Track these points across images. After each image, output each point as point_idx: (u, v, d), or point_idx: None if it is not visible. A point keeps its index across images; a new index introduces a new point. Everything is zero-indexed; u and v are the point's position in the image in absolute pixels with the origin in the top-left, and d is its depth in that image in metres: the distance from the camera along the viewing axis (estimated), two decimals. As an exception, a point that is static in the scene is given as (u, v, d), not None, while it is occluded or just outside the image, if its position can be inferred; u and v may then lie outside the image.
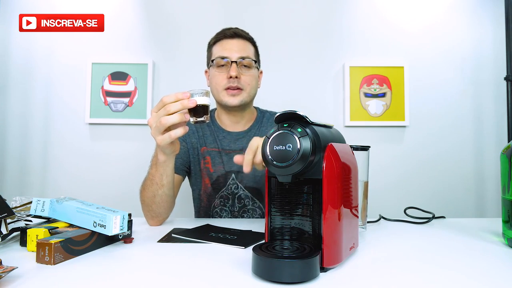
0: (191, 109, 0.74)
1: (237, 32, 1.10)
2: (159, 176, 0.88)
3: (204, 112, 0.75)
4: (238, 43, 1.08)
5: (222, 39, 1.09)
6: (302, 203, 0.62)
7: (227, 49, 1.07)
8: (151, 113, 0.78)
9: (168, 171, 0.88)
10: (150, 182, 0.91)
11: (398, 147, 1.88)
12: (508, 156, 0.71)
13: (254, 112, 1.22)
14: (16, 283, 0.49)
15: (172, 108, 0.73)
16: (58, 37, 1.84)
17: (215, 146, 1.15)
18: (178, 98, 0.73)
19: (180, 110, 0.73)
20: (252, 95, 1.12)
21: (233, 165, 1.12)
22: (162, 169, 0.87)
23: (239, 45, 1.08)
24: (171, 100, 0.74)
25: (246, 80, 1.08)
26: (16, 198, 0.87)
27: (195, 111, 0.74)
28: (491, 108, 1.88)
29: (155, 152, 0.88)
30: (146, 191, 0.92)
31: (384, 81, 1.86)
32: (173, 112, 0.73)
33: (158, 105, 0.76)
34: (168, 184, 0.91)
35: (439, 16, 1.90)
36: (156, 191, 0.90)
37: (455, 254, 0.67)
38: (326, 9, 1.89)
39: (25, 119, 1.82)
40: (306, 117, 0.55)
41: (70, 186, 1.80)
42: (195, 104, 0.73)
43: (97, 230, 0.66)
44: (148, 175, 0.92)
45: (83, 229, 0.68)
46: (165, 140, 0.76)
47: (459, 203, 1.86)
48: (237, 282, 0.52)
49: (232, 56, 1.06)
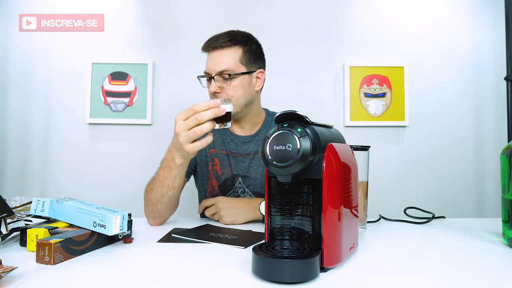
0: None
1: (213, 45, 1.05)
2: (172, 179, 0.89)
3: (228, 118, 0.78)
4: (217, 56, 1.04)
5: (206, 52, 1.08)
6: (302, 203, 0.62)
7: (207, 64, 1.06)
8: (177, 120, 0.78)
9: (182, 174, 0.90)
10: (160, 183, 0.91)
11: (398, 147, 1.88)
12: (508, 156, 0.71)
13: (261, 115, 1.18)
14: (16, 283, 0.49)
15: (204, 117, 0.75)
16: (58, 37, 1.84)
17: (223, 148, 1.14)
18: (210, 106, 0.76)
19: (211, 118, 0.76)
20: (241, 104, 1.06)
21: (240, 169, 1.12)
22: (177, 171, 0.88)
23: (216, 59, 1.04)
24: (203, 109, 0.76)
25: (228, 93, 1.03)
26: (16, 198, 0.87)
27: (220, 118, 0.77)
28: (491, 108, 1.88)
29: (168, 156, 0.88)
30: (153, 192, 0.92)
31: (384, 81, 1.86)
32: (205, 120, 0.75)
33: (186, 112, 0.77)
34: (179, 186, 0.92)
35: (439, 16, 1.90)
36: (166, 193, 0.91)
37: (455, 254, 0.67)
38: (326, 9, 1.89)
39: (25, 119, 1.82)
40: (306, 117, 0.55)
41: (70, 186, 1.80)
42: (224, 112, 0.76)
43: (97, 230, 0.66)
44: (157, 176, 0.92)
45: (83, 229, 0.68)
46: (197, 148, 0.78)
47: (459, 203, 1.86)
48: (237, 282, 0.52)
49: (211, 72, 1.04)
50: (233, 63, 1.04)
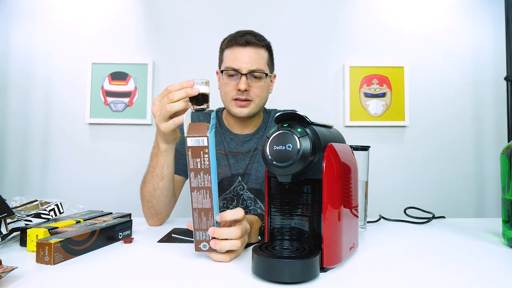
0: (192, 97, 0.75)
1: (249, 41, 1.04)
2: (160, 167, 0.88)
3: (204, 100, 0.76)
4: (249, 53, 1.04)
5: (233, 46, 1.05)
6: (302, 203, 0.62)
7: (238, 60, 1.04)
8: (154, 102, 0.79)
9: (169, 161, 0.89)
10: (150, 175, 0.91)
11: (398, 147, 1.88)
12: (508, 156, 0.71)
13: (261, 114, 1.20)
14: (16, 283, 0.49)
15: (176, 96, 0.74)
16: (58, 37, 1.84)
17: (221, 148, 1.14)
18: (183, 86, 0.75)
19: (183, 97, 0.75)
20: (261, 105, 1.10)
21: (240, 167, 1.12)
22: (163, 158, 0.87)
23: (250, 56, 1.04)
24: (176, 88, 0.75)
25: (255, 92, 1.06)
26: (16, 198, 0.87)
27: (196, 100, 0.76)
28: (491, 108, 1.88)
29: (155, 143, 0.89)
30: (146, 186, 0.92)
31: (384, 81, 1.86)
32: (177, 99, 0.75)
33: (162, 93, 0.77)
34: (169, 175, 0.91)
35: (439, 16, 1.90)
36: (157, 184, 0.90)
37: (455, 254, 0.67)
38: (326, 9, 1.89)
39: (25, 119, 1.82)
40: (306, 117, 0.55)
41: (70, 186, 1.80)
42: (197, 92, 0.75)
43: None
44: (148, 168, 0.92)
45: (83, 229, 0.68)
46: (169, 127, 0.77)
47: (459, 203, 1.86)
48: (237, 282, 0.52)
49: (242, 69, 1.03)
50: (263, 63, 1.07)
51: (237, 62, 1.03)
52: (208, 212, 0.61)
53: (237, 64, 1.03)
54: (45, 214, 0.78)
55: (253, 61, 1.04)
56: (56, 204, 0.82)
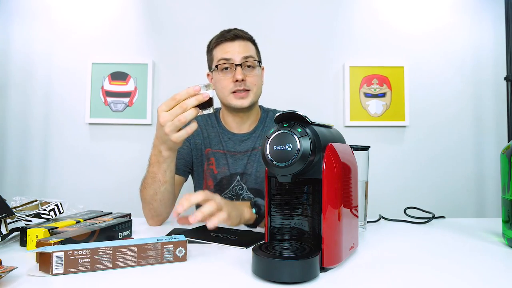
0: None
1: (237, 34, 1.08)
2: (162, 173, 0.88)
3: (210, 104, 0.77)
4: (239, 45, 1.07)
5: (222, 42, 1.08)
6: (302, 203, 0.62)
7: (229, 52, 1.06)
8: (160, 112, 0.76)
9: (172, 166, 0.89)
10: (151, 180, 0.90)
11: (398, 147, 1.88)
12: (508, 156, 0.71)
13: (258, 112, 1.21)
14: (16, 283, 0.49)
15: (189, 104, 0.74)
16: (58, 37, 1.84)
17: (220, 147, 1.14)
18: (189, 93, 0.74)
19: (195, 105, 0.74)
20: (258, 94, 1.12)
21: (238, 167, 1.12)
22: (166, 165, 0.87)
23: (240, 47, 1.07)
24: (184, 97, 0.74)
25: (252, 81, 1.07)
26: (16, 198, 0.87)
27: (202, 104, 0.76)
28: (491, 108, 1.88)
29: (154, 151, 0.87)
30: (147, 190, 0.92)
31: (384, 81, 1.86)
32: (190, 108, 0.74)
33: (168, 103, 0.76)
34: (171, 180, 0.91)
35: (439, 16, 1.90)
36: (158, 188, 0.90)
37: (455, 254, 0.67)
38: (326, 9, 1.89)
39: (25, 119, 1.82)
40: (306, 117, 0.55)
41: (70, 186, 1.80)
42: (208, 97, 0.74)
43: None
44: (148, 173, 0.91)
45: (83, 229, 0.68)
46: (182, 136, 0.77)
47: (459, 203, 1.86)
48: (237, 282, 0.52)
49: (236, 59, 1.05)
50: (254, 52, 1.11)
51: (229, 54, 1.06)
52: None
53: (229, 55, 1.06)
54: (45, 214, 0.78)
55: (244, 51, 1.07)
56: (56, 204, 0.82)
